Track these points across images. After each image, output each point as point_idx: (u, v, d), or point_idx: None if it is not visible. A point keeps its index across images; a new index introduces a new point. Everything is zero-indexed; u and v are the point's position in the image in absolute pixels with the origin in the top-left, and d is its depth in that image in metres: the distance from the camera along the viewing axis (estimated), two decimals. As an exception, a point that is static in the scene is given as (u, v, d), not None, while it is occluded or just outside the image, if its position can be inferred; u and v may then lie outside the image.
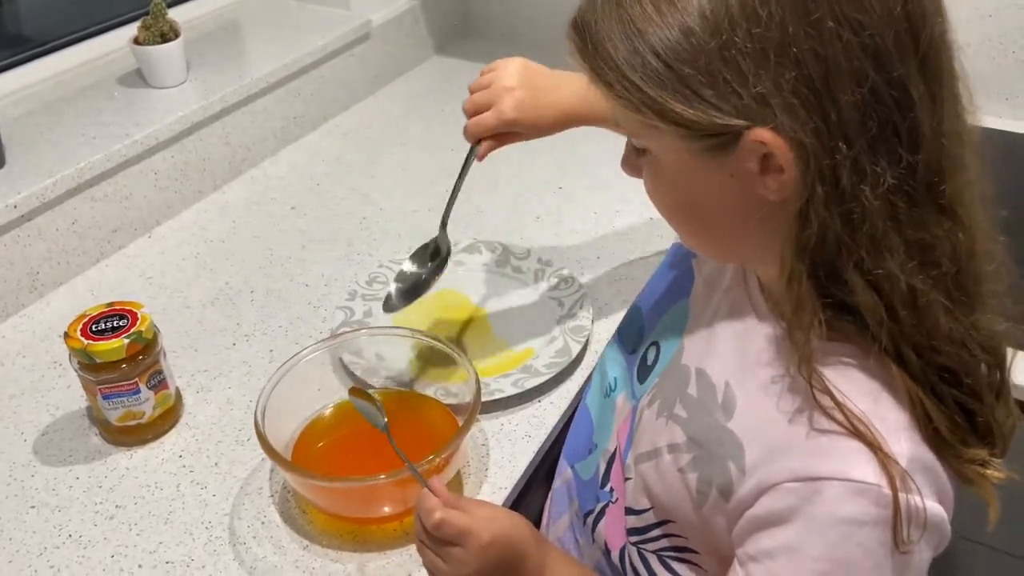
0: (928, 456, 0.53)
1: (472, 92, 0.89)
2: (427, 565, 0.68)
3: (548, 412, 0.90)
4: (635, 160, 0.61)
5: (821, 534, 0.52)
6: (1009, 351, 0.57)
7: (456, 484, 0.83)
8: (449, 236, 1.17)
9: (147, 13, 1.23)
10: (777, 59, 0.48)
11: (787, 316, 0.55)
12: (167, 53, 1.23)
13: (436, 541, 0.65)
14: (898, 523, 0.50)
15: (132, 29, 1.28)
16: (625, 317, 0.79)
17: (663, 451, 0.63)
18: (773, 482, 0.54)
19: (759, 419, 0.57)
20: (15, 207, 1.03)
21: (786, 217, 0.52)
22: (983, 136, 0.55)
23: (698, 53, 0.49)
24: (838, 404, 0.53)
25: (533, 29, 1.71)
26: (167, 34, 1.23)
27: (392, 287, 0.90)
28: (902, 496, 0.50)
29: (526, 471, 0.85)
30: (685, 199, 0.58)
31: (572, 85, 0.88)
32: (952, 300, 0.53)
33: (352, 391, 0.80)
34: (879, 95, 0.49)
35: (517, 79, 0.87)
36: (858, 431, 0.52)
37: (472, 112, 0.88)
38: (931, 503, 0.52)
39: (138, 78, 1.27)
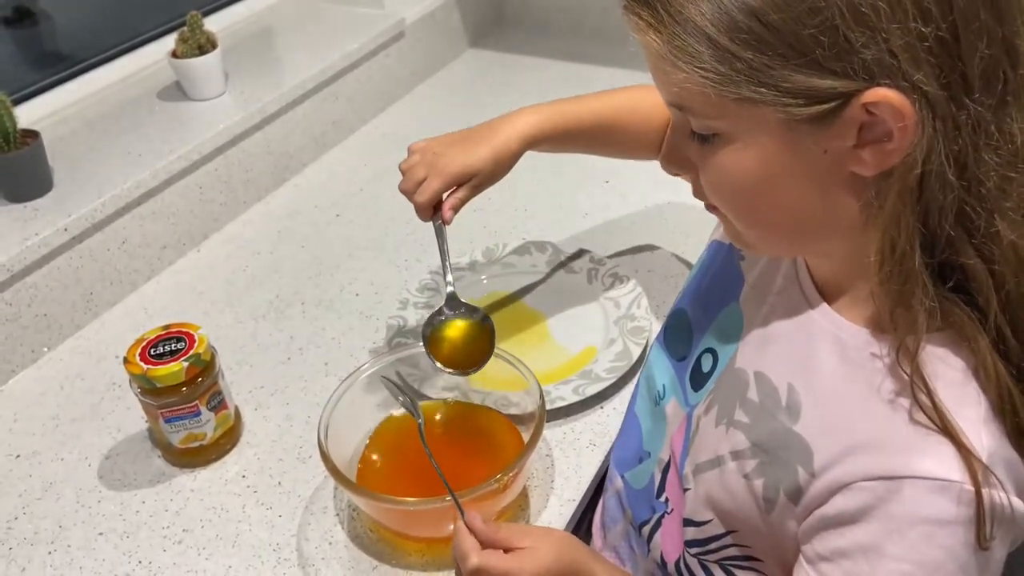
0: (1008, 450, 0.51)
1: (402, 172, 0.87)
2: None
3: (612, 419, 0.89)
4: (688, 152, 0.55)
5: (901, 534, 0.50)
6: None
7: (523, 498, 0.82)
8: (496, 236, 1.15)
9: (182, 25, 1.22)
10: (912, 10, 0.45)
11: (882, 303, 0.52)
12: (205, 65, 1.22)
13: None
14: (982, 521, 0.48)
15: (168, 42, 1.27)
16: (668, 321, 0.77)
17: (726, 458, 0.61)
18: (846, 481, 0.52)
19: (828, 419, 0.55)
20: (66, 230, 1.03)
21: (892, 188, 0.48)
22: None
23: (808, 10, 0.45)
24: (934, 403, 0.50)
25: (567, 17, 1.68)
26: (204, 46, 1.22)
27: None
28: (985, 492, 0.48)
29: (592, 481, 0.84)
30: (760, 186, 0.52)
31: (498, 125, 0.88)
32: None
33: (386, 381, 0.80)
34: (1000, 50, 0.46)
35: (443, 143, 0.87)
36: (945, 428, 0.49)
37: (412, 188, 0.85)
38: (1015, 499, 0.50)
39: (177, 91, 1.27)
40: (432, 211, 0.85)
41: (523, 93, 1.52)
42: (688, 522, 0.65)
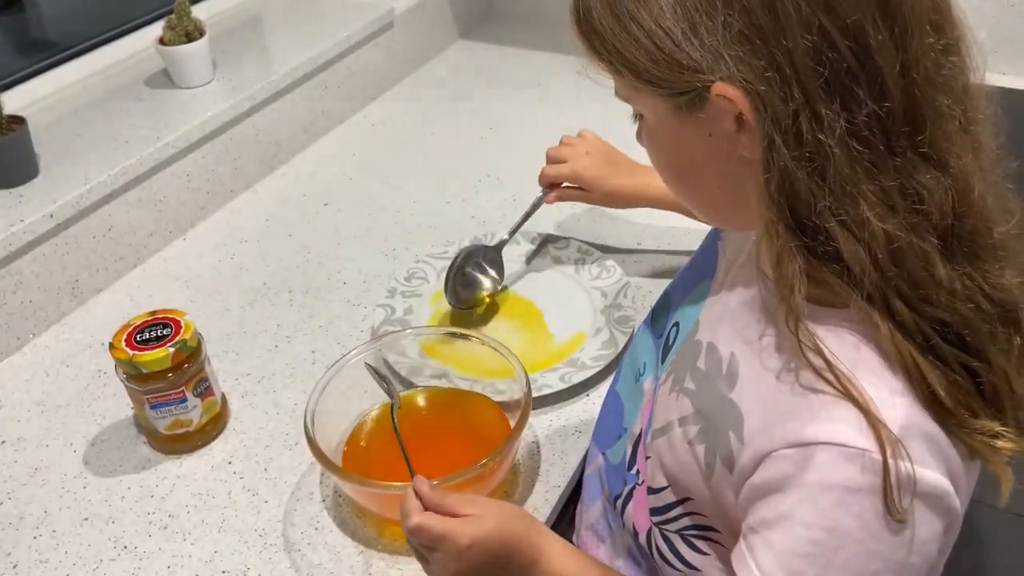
0: (929, 425, 0.51)
1: (563, 143, 1.04)
2: (419, 562, 0.68)
3: (597, 406, 0.88)
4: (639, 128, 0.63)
5: (813, 501, 0.50)
6: None
7: (510, 483, 0.82)
8: (485, 226, 1.17)
9: (170, 12, 1.22)
10: (725, 8, 0.49)
11: (771, 270, 0.54)
12: (193, 53, 1.22)
13: (416, 542, 0.65)
14: (888, 490, 0.49)
15: (156, 29, 1.27)
16: (656, 302, 0.78)
17: (674, 424, 0.63)
18: (768, 450, 0.53)
19: (757, 386, 0.57)
20: (51, 216, 1.02)
21: (751, 170, 0.52)
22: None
23: (659, 11, 0.51)
24: (828, 363, 0.51)
25: (555, 8, 1.67)
26: (192, 33, 1.22)
27: (453, 284, 0.99)
28: (891, 463, 0.49)
29: (578, 468, 0.84)
30: (675, 162, 0.60)
31: (647, 174, 0.99)
32: (948, 249, 0.52)
33: (368, 366, 0.82)
34: (832, 42, 0.48)
35: (598, 152, 1.02)
36: (848, 393, 0.50)
37: (552, 160, 1.03)
38: (926, 471, 0.50)
39: (165, 79, 1.26)
40: (548, 183, 1.03)
41: (513, 85, 1.52)
42: (649, 490, 0.67)
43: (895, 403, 0.50)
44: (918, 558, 0.51)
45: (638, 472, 0.70)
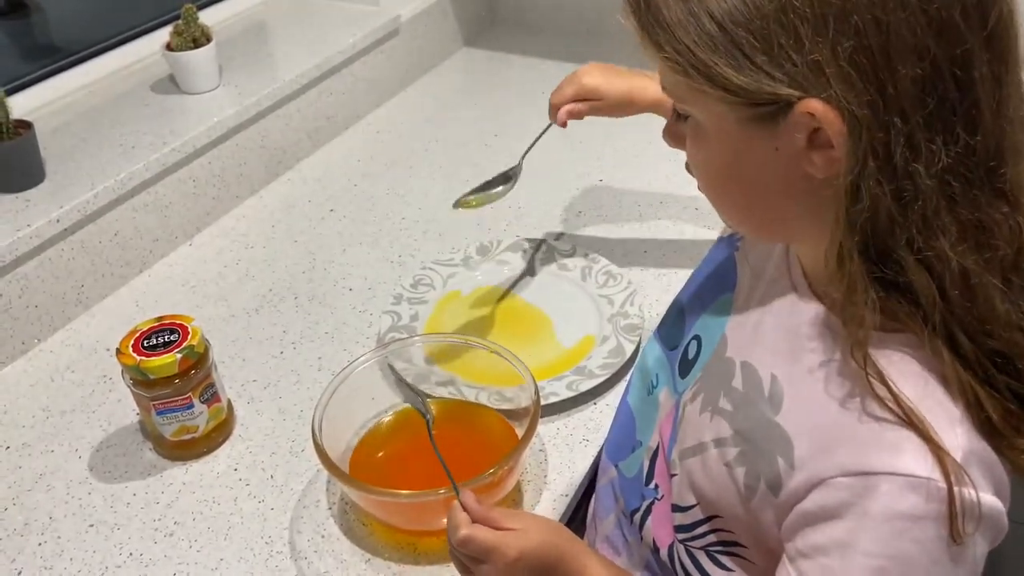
0: (984, 449, 0.52)
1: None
2: (461, 573, 0.68)
3: (605, 415, 0.89)
4: (677, 128, 0.60)
5: (875, 530, 0.50)
6: None
7: (516, 493, 0.82)
8: (490, 233, 1.17)
9: (176, 18, 1.22)
10: (837, 26, 0.47)
11: (839, 297, 0.53)
12: (200, 58, 1.22)
13: (465, 555, 0.65)
14: (953, 517, 0.49)
15: (162, 35, 1.27)
16: (666, 312, 0.78)
17: (709, 446, 0.62)
18: (824, 476, 0.53)
19: (807, 411, 0.56)
20: (58, 221, 1.02)
21: (834, 193, 0.51)
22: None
23: (755, 16, 0.48)
24: (892, 393, 0.51)
25: (560, 16, 1.69)
26: (199, 39, 1.22)
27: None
28: (956, 490, 0.49)
29: (585, 477, 0.84)
30: (727, 170, 0.56)
31: (644, 76, 0.97)
32: (1008, 284, 0.52)
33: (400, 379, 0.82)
34: (940, 71, 0.47)
35: (593, 66, 0.99)
36: (911, 422, 0.50)
37: (555, 94, 0.99)
38: (987, 496, 0.50)
39: (171, 84, 1.27)
40: (557, 111, 0.98)
41: (517, 92, 1.52)
42: (675, 507, 0.66)
43: (956, 432, 0.51)
44: None
45: (657, 487, 0.70)
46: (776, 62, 0.48)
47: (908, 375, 0.52)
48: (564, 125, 0.98)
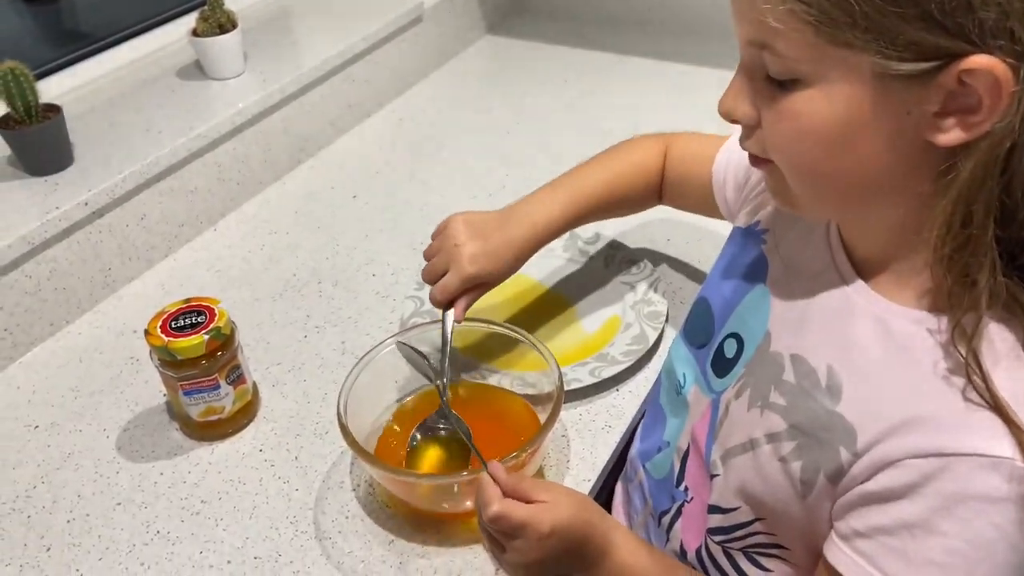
0: None
1: (426, 259, 0.88)
2: (489, 551, 0.67)
3: (627, 401, 0.89)
4: (753, 97, 0.54)
5: (951, 511, 0.49)
6: None
7: (538, 477, 0.82)
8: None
9: (202, 4, 1.23)
10: None
11: (951, 277, 0.51)
12: (226, 44, 1.23)
13: (497, 531, 0.65)
14: None
15: (187, 22, 1.28)
16: (691, 311, 0.77)
17: (760, 441, 0.61)
18: (894, 458, 0.51)
19: (872, 398, 0.55)
20: (86, 204, 1.03)
21: (971, 159, 0.48)
22: None
23: None
24: (984, 378, 0.49)
25: (583, 3, 1.68)
26: (225, 25, 1.23)
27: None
28: None
29: (607, 463, 0.84)
30: (833, 137, 0.51)
31: (519, 220, 0.88)
32: None
33: (399, 345, 0.80)
34: None
35: (465, 234, 0.85)
36: (996, 405, 0.49)
37: (432, 279, 0.86)
38: None
39: (197, 70, 1.27)
40: (446, 304, 0.85)
41: (539, 81, 1.52)
42: (714, 509, 0.65)
43: None
44: None
45: (687, 489, 0.69)
46: (957, 12, 0.45)
47: (1002, 357, 0.51)
48: (460, 320, 0.85)
